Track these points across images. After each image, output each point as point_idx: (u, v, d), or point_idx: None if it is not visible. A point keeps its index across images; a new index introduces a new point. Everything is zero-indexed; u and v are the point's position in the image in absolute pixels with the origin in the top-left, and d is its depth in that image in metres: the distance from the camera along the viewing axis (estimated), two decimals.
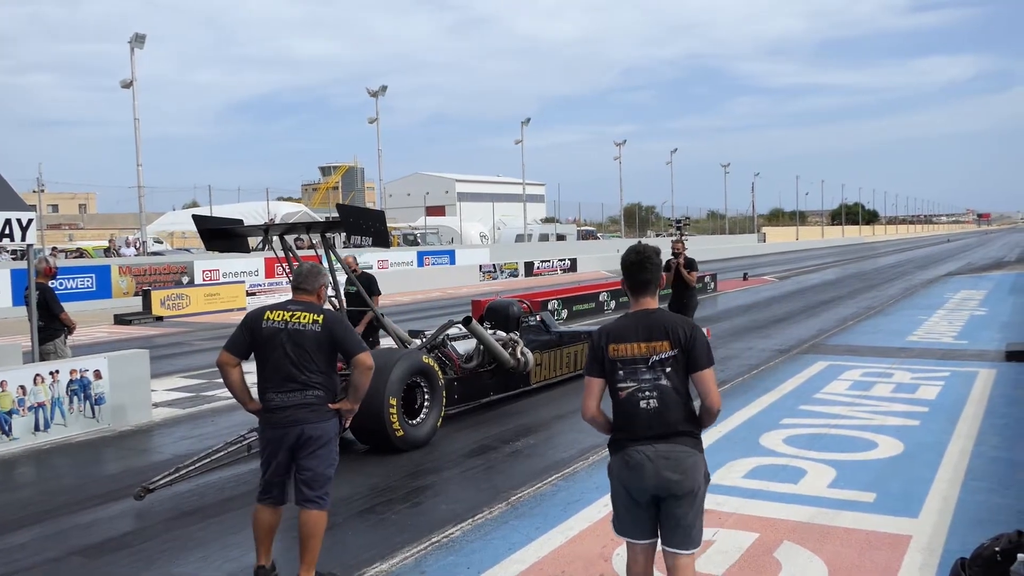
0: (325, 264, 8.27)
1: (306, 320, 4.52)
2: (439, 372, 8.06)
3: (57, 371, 8.33)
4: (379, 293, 10.29)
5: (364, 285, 9.30)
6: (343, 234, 8.43)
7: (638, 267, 3.65)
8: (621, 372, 3.52)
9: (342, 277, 8.37)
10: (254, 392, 4.68)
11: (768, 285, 28.53)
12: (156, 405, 9.64)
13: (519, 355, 9.44)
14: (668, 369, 3.49)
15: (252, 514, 4.69)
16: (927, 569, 4.64)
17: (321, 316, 4.55)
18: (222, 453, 6.60)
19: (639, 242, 3.83)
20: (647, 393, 3.48)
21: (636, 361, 3.50)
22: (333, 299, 8.11)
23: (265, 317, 4.57)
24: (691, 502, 3.49)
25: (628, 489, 3.53)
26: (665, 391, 3.48)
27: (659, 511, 3.54)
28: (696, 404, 3.59)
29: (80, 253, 32.38)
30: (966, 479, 6.19)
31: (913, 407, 8.55)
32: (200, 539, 5.56)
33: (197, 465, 6.44)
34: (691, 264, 11.76)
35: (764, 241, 77.22)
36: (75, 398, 8.46)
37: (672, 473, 3.44)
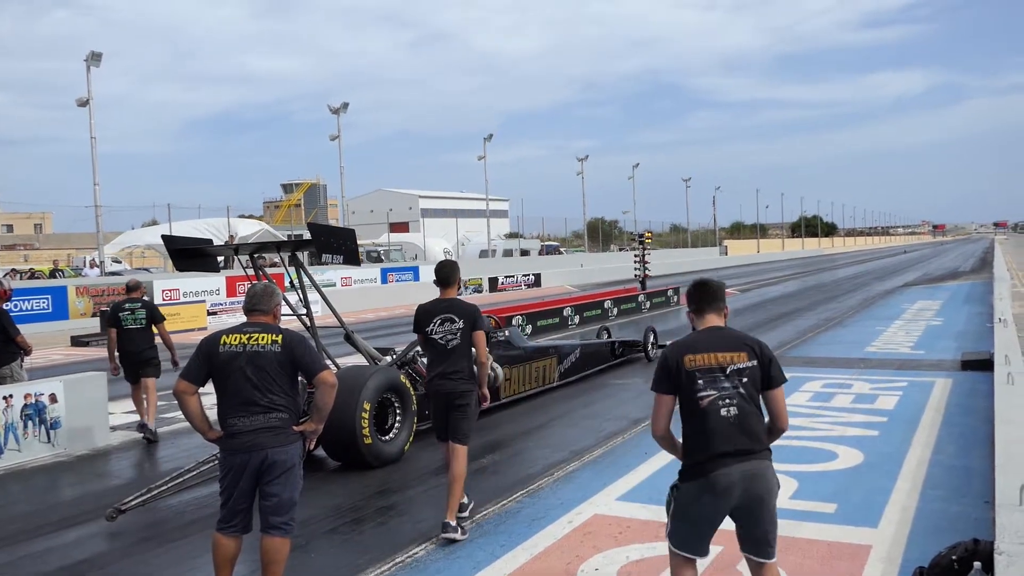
0: (297, 283, 8.21)
1: (265, 341, 4.44)
2: (412, 392, 8.03)
3: (11, 395, 8.13)
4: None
5: None
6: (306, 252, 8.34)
7: (703, 286, 3.80)
8: (701, 381, 3.55)
9: (312, 295, 8.29)
10: (214, 420, 4.59)
11: (730, 298, 28.67)
12: (114, 428, 9.46)
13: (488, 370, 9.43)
14: (745, 379, 3.56)
15: (212, 542, 4.53)
16: None
17: (280, 336, 4.48)
18: (194, 472, 6.49)
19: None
20: (728, 400, 3.53)
21: (714, 370, 3.56)
22: (304, 317, 8.04)
23: (222, 342, 4.47)
24: (773, 514, 3.61)
25: (708, 513, 3.56)
26: (744, 400, 3.55)
27: (737, 524, 3.62)
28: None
29: (32, 274, 31.77)
30: (924, 488, 6.29)
31: (872, 417, 8.68)
32: (159, 565, 5.45)
33: (169, 485, 6.32)
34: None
35: (726, 254, 78.05)
36: (30, 423, 8.26)
37: (761, 491, 3.54)
